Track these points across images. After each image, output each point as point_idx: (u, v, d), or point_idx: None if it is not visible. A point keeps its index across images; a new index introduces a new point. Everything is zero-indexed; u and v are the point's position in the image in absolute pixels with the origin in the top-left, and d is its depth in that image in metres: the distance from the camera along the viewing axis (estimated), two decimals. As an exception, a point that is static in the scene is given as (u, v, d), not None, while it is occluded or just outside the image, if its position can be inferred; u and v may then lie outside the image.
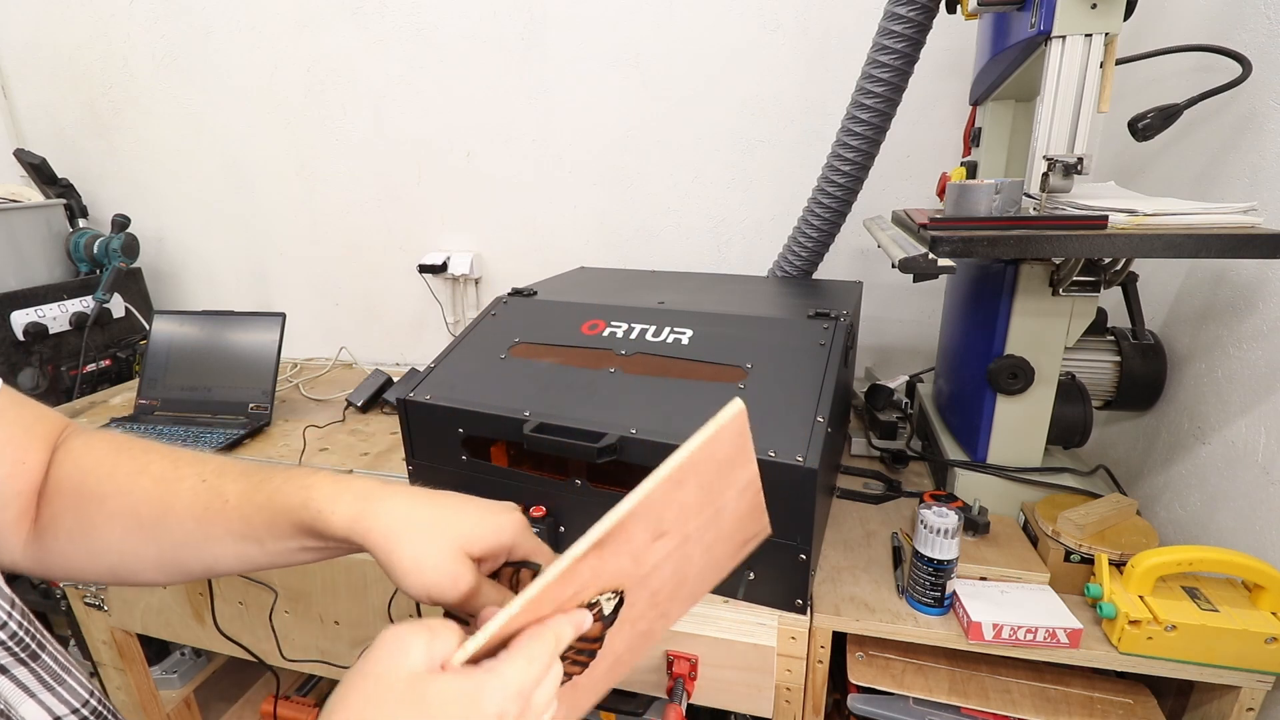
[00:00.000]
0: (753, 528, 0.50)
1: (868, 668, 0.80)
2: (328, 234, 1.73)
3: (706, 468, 0.41)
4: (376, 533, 0.39)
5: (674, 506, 0.40)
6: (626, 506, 0.36)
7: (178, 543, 0.43)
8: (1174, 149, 0.98)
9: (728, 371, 0.82)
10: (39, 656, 0.38)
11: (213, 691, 1.42)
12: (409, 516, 0.40)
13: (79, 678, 0.40)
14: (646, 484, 0.37)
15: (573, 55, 1.43)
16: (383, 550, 0.39)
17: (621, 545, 0.37)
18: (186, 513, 0.42)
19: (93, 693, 0.41)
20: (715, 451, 0.41)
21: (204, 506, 0.42)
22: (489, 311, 1.04)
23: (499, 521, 0.42)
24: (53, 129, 1.82)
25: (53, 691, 0.38)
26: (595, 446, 0.74)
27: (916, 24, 0.91)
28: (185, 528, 0.42)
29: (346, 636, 1.00)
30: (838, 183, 1.05)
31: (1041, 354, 0.87)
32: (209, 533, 0.42)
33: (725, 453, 0.42)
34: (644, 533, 0.39)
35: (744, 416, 0.41)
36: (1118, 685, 0.78)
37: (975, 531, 0.87)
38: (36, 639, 0.38)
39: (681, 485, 0.39)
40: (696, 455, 0.39)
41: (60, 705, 0.38)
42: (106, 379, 1.65)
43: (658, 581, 0.42)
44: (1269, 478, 0.75)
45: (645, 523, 0.38)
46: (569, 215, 1.56)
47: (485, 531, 0.41)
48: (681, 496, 0.40)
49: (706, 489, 0.42)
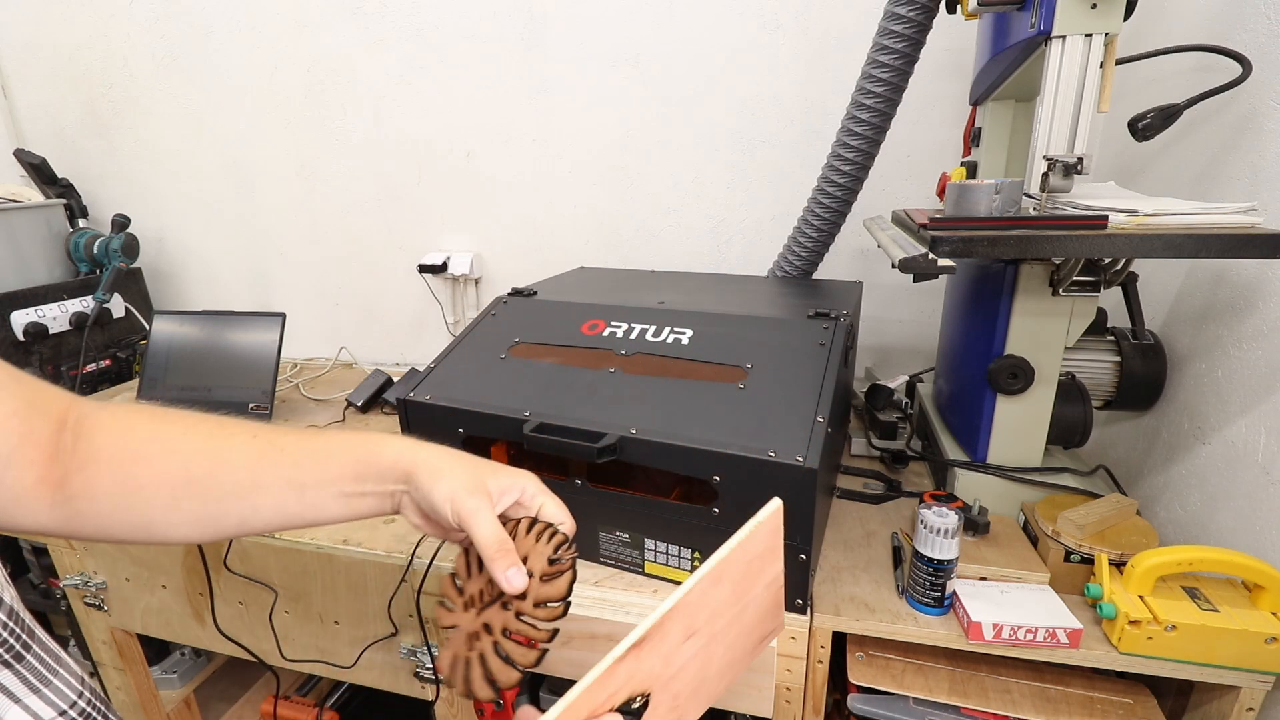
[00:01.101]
0: (771, 624, 0.50)
1: (868, 668, 0.80)
2: (328, 234, 1.73)
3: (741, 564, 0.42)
4: (421, 463, 0.47)
5: (708, 604, 0.41)
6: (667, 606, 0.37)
7: (225, 493, 0.46)
8: (1174, 149, 0.98)
9: (728, 371, 0.82)
10: (23, 657, 0.37)
11: (213, 691, 1.43)
12: (447, 457, 0.48)
13: (68, 676, 0.39)
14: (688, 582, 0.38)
15: (573, 55, 1.43)
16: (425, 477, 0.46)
17: (658, 645, 0.38)
18: (240, 462, 0.46)
19: (82, 693, 0.40)
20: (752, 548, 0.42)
21: (259, 454, 0.47)
22: (489, 311, 1.04)
23: (517, 476, 0.50)
24: (53, 129, 1.82)
25: (39, 694, 0.37)
26: (595, 446, 0.74)
27: (916, 24, 0.91)
28: (236, 476, 0.46)
29: (346, 636, 1.00)
30: (838, 183, 1.05)
31: (1041, 354, 0.87)
32: (259, 479, 0.46)
33: (759, 549, 0.43)
34: (678, 632, 0.39)
35: (780, 514, 0.43)
36: (1118, 685, 0.78)
37: (975, 531, 0.87)
38: (22, 639, 0.37)
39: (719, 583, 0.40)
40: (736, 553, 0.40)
41: (47, 708, 0.38)
42: (106, 379, 1.65)
43: (681, 683, 0.42)
44: (1269, 478, 0.75)
45: (681, 622, 0.39)
46: (569, 215, 1.56)
47: (505, 479, 0.48)
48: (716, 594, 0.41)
49: (737, 585, 0.43)
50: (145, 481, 0.45)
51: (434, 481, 0.46)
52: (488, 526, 0.45)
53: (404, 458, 0.47)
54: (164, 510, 0.46)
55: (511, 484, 0.49)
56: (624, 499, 0.81)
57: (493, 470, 0.48)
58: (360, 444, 0.48)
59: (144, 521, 0.46)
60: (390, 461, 0.47)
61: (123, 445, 0.46)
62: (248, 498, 0.46)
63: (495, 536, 0.45)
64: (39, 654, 0.38)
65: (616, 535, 0.83)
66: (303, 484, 0.47)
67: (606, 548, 0.85)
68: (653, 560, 0.82)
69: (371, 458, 0.47)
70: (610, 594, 0.81)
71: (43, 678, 0.38)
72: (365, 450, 0.48)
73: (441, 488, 0.45)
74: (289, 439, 0.48)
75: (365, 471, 0.47)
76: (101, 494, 0.45)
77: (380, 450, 0.48)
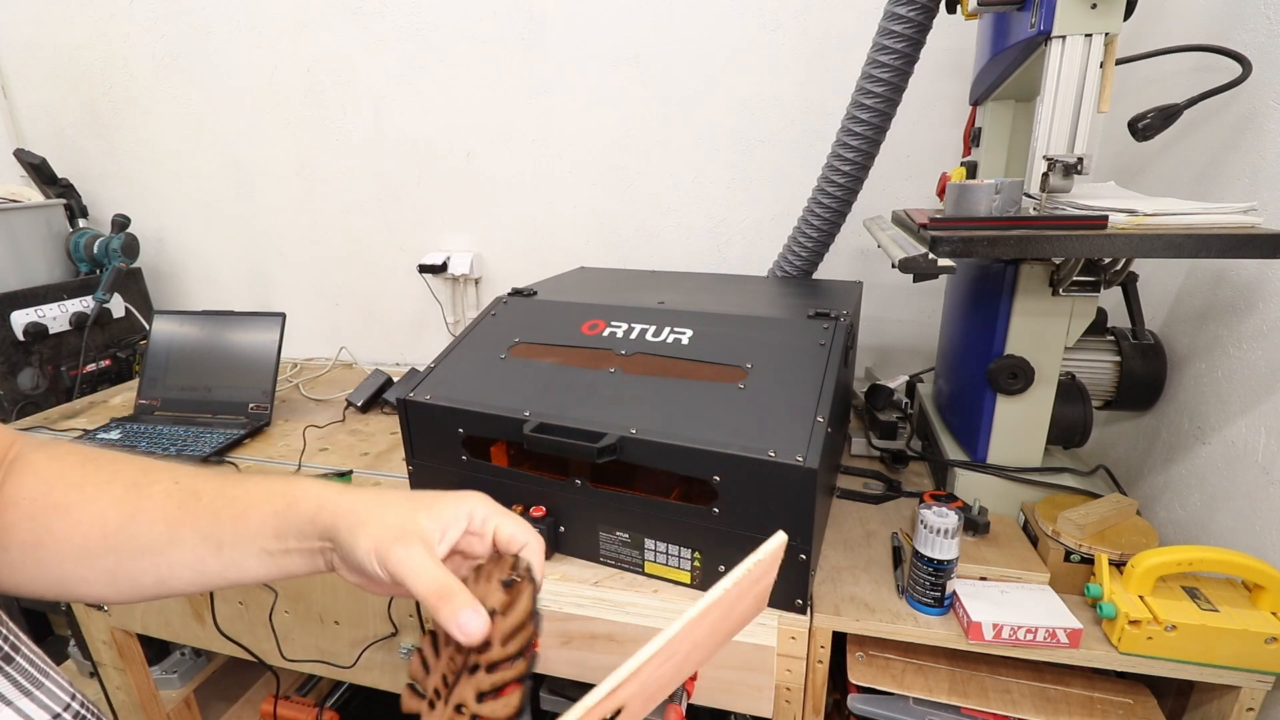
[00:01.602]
0: (753, 611, 0.49)
1: (868, 668, 0.80)
2: (328, 234, 1.73)
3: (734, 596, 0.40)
4: (342, 514, 0.41)
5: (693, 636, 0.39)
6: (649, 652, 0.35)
7: (140, 549, 0.42)
8: (1174, 149, 0.98)
9: (728, 371, 0.82)
10: (13, 659, 0.37)
11: (213, 691, 1.42)
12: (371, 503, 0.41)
13: (58, 680, 0.39)
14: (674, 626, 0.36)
15: (573, 55, 1.43)
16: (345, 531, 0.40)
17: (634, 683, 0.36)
18: (157, 513, 0.42)
19: (75, 695, 0.39)
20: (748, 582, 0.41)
21: (177, 505, 0.43)
22: (489, 311, 1.04)
23: (461, 502, 0.43)
24: (53, 129, 1.82)
25: (30, 697, 0.37)
26: (595, 446, 0.74)
27: (916, 24, 0.91)
28: (153, 531, 0.42)
29: (346, 636, 1.00)
30: (838, 183, 1.05)
31: (1041, 354, 0.87)
32: (176, 535, 0.42)
33: (756, 577, 0.42)
34: (658, 662, 0.37)
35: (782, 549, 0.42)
36: (1118, 685, 0.78)
37: (975, 531, 0.87)
38: (10, 642, 0.37)
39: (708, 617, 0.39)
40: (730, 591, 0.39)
41: (40, 711, 0.37)
42: (106, 379, 1.65)
43: (655, 686, 0.41)
44: (1269, 478, 0.75)
45: (663, 657, 0.37)
46: (569, 215, 1.56)
47: (446, 510, 0.42)
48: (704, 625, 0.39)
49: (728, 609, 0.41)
50: (59, 534, 0.42)
51: (354, 535, 0.39)
52: (422, 573, 0.38)
53: (324, 510, 0.41)
54: (76, 564, 0.42)
55: (455, 513, 0.42)
56: (624, 499, 0.81)
57: (428, 504, 0.42)
58: (280, 494, 0.43)
59: (57, 576, 0.42)
60: (309, 515, 0.41)
61: (43, 493, 0.42)
62: (164, 554, 0.42)
63: (433, 582, 0.38)
64: (28, 656, 0.38)
65: (616, 535, 0.83)
66: (220, 540, 0.42)
67: (606, 548, 0.85)
68: (653, 560, 0.82)
69: (290, 511, 0.42)
70: (610, 594, 0.81)
71: (34, 680, 0.37)
72: (284, 502, 0.42)
73: (363, 541, 0.39)
74: (209, 486, 0.44)
75: (285, 527, 0.42)
76: (15, 544, 0.41)
77: (299, 502, 0.42)
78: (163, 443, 1.24)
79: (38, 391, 1.52)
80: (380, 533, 0.39)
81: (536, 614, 0.40)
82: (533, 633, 0.39)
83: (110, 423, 1.33)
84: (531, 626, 0.40)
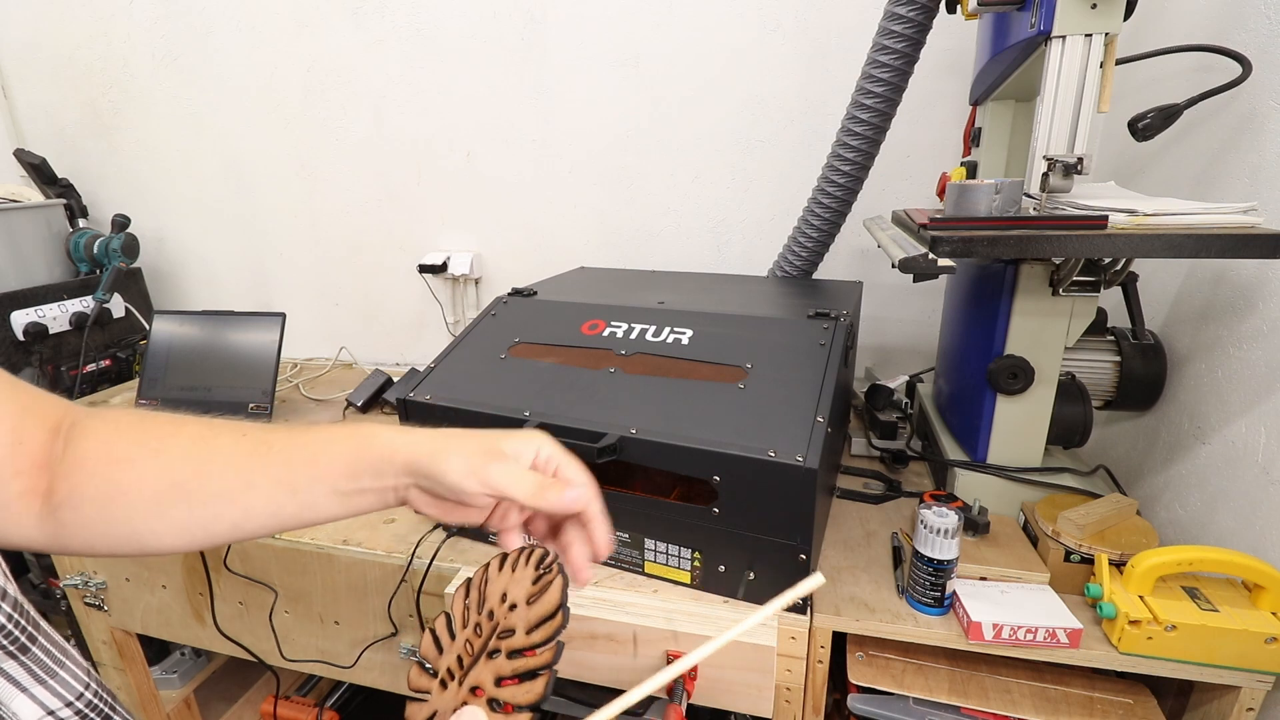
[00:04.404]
0: None
1: (868, 668, 0.80)
2: (328, 234, 1.73)
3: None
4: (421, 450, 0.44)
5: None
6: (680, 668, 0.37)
7: (212, 495, 0.44)
8: (1174, 149, 0.98)
9: (728, 371, 0.82)
10: (29, 649, 0.37)
11: (213, 691, 1.42)
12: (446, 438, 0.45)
13: (74, 669, 0.39)
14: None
15: (573, 55, 1.43)
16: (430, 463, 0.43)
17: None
18: (227, 463, 0.44)
19: (89, 685, 0.40)
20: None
21: (247, 453, 0.44)
22: (489, 311, 1.04)
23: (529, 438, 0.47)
24: (53, 129, 1.82)
25: (45, 685, 0.37)
26: (595, 446, 0.74)
27: (916, 24, 0.91)
28: (224, 478, 0.44)
29: (346, 636, 1.00)
30: (838, 183, 1.05)
31: (1041, 354, 0.87)
32: (249, 480, 0.44)
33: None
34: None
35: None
36: (1118, 685, 0.78)
37: (975, 531, 0.87)
38: (27, 631, 0.37)
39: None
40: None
41: (54, 699, 0.38)
42: (106, 379, 1.65)
43: None
44: (1269, 478, 0.75)
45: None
46: (569, 215, 1.55)
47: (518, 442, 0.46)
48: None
49: None
50: (128, 486, 0.43)
51: (443, 462, 0.43)
52: (521, 479, 0.43)
53: (400, 450, 0.44)
54: (148, 517, 0.44)
55: (526, 446, 0.46)
56: (624, 499, 0.81)
57: (502, 436, 0.46)
58: (350, 438, 0.46)
59: (129, 531, 0.44)
60: (385, 455, 0.44)
61: (107, 450, 0.44)
62: (238, 500, 0.44)
63: (532, 484, 0.43)
64: (45, 646, 0.38)
65: (616, 535, 0.83)
66: (294, 484, 0.44)
67: (606, 548, 0.85)
68: (653, 560, 0.82)
69: (364, 451, 0.45)
70: (610, 594, 0.81)
71: (49, 669, 0.38)
72: (356, 444, 0.45)
73: (455, 465, 0.43)
74: (278, 436, 0.46)
75: (359, 468, 0.45)
76: (85, 500, 0.43)
77: (372, 443, 0.45)
78: (163, 443, 1.24)
79: (38, 391, 1.52)
80: (471, 455, 0.43)
81: (565, 606, 0.41)
82: (561, 624, 0.41)
83: (110, 423, 1.33)
84: (561, 618, 0.41)
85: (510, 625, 0.41)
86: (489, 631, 0.42)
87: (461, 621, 0.44)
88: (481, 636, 0.42)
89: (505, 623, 0.42)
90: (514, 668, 0.39)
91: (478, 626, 0.43)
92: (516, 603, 0.42)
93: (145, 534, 0.44)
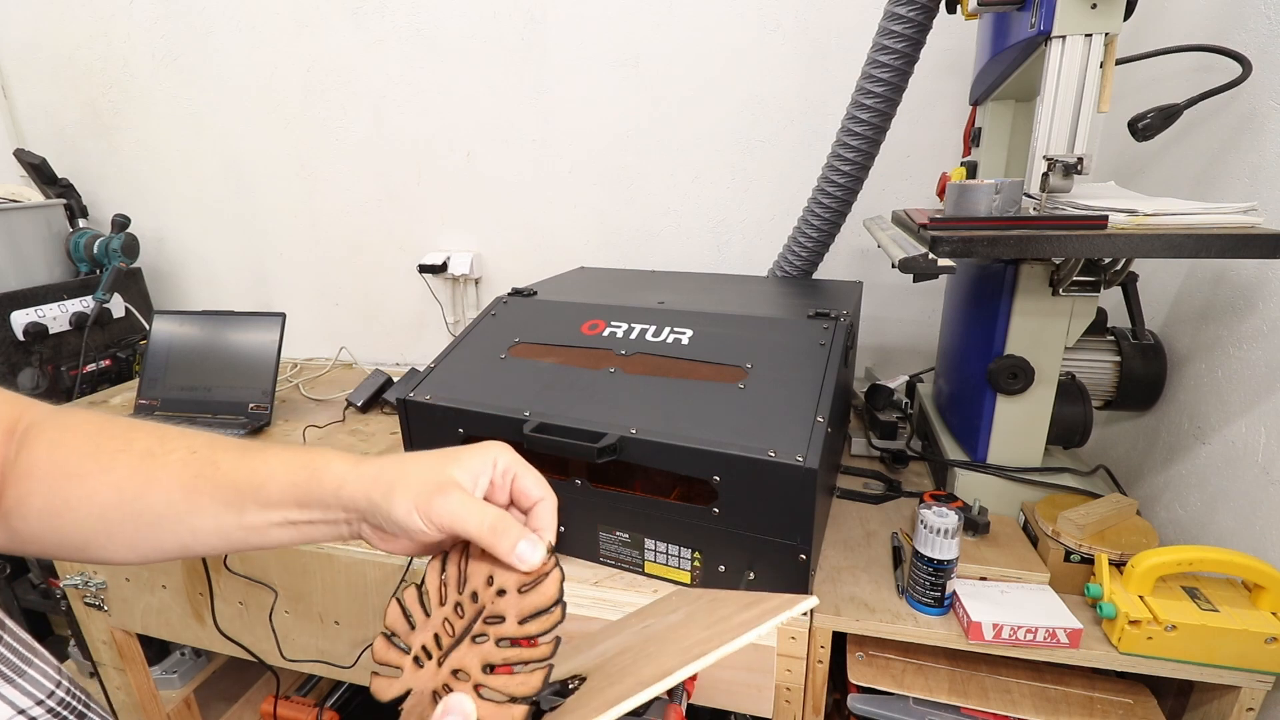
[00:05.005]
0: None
1: (868, 668, 0.80)
2: (328, 234, 1.73)
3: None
4: (369, 483, 0.41)
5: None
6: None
7: (159, 516, 0.42)
8: (1174, 149, 0.98)
9: (728, 371, 0.82)
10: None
11: (213, 691, 1.42)
12: (395, 466, 0.42)
13: (44, 667, 0.38)
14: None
15: (573, 55, 1.43)
16: (377, 497, 0.40)
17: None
18: (174, 482, 0.42)
19: (60, 683, 0.39)
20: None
21: (194, 474, 0.42)
22: (489, 311, 1.04)
23: (484, 452, 0.44)
24: (53, 129, 1.82)
25: (14, 684, 0.36)
26: (595, 446, 0.74)
27: (916, 24, 0.91)
28: (170, 499, 0.42)
29: (346, 637, 1.00)
30: (838, 183, 1.05)
31: (1041, 354, 0.87)
32: (195, 503, 0.42)
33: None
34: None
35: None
36: (1118, 685, 0.78)
37: (975, 531, 0.87)
38: None
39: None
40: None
41: (23, 698, 0.36)
42: (106, 379, 1.65)
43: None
44: (1269, 478, 0.75)
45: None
46: (569, 215, 1.56)
47: (473, 462, 0.43)
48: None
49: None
50: (76, 503, 0.42)
51: (390, 499, 0.40)
52: (471, 515, 0.39)
53: (347, 484, 0.41)
54: (97, 533, 0.42)
55: (482, 462, 0.43)
56: (624, 499, 0.81)
57: (454, 457, 0.43)
58: (303, 467, 0.43)
59: (80, 543, 0.43)
60: (333, 488, 0.42)
61: (58, 460, 0.42)
62: (184, 520, 0.42)
63: (484, 520, 0.39)
64: (10, 644, 0.37)
65: (616, 535, 0.83)
66: (242, 508, 0.42)
67: (606, 548, 0.85)
68: (653, 560, 0.82)
69: (314, 484, 0.42)
70: (610, 594, 0.81)
71: (16, 668, 0.37)
72: (307, 475, 0.42)
73: (401, 502, 0.40)
74: (229, 455, 0.43)
75: (309, 499, 0.42)
76: (33, 512, 0.42)
77: (323, 476, 0.42)
78: (163, 443, 1.24)
79: (38, 391, 1.52)
80: (417, 490, 0.40)
81: (562, 600, 0.39)
82: (560, 618, 0.39)
83: (110, 423, 1.33)
84: (560, 612, 0.39)
85: (499, 612, 0.39)
86: (472, 614, 0.40)
87: (438, 598, 0.41)
88: (464, 618, 0.40)
89: (492, 608, 0.40)
90: (506, 657, 0.38)
91: (458, 606, 0.41)
92: (506, 589, 0.40)
93: (95, 548, 0.43)
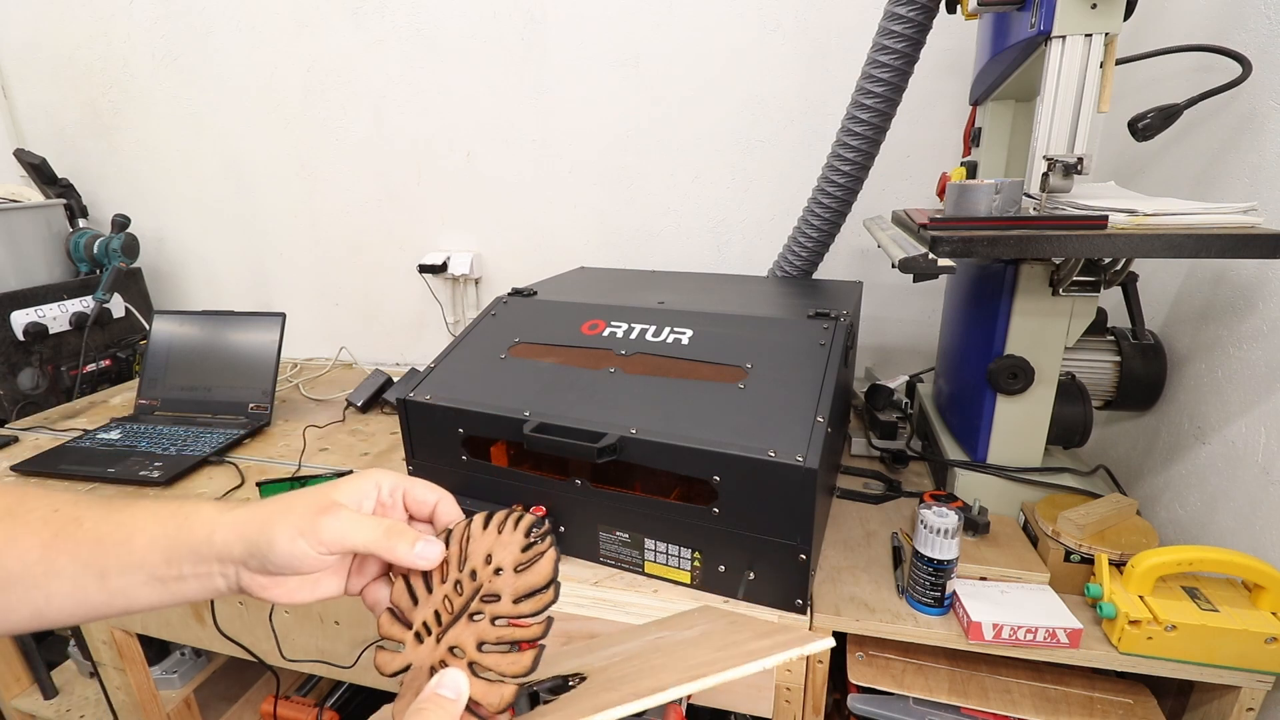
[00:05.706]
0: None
1: (868, 668, 0.80)
2: (328, 234, 1.73)
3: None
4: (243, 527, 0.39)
5: None
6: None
7: (13, 578, 0.39)
8: (1174, 149, 0.98)
9: (728, 371, 0.82)
10: None
11: (213, 691, 1.42)
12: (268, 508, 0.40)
13: None
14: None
15: (573, 55, 1.43)
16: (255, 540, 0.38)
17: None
18: (32, 541, 0.39)
19: None
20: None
21: (54, 533, 0.40)
22: (489, 311, 1.04)
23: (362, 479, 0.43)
24: (53, 129, 1.82)
25: None
26: (595, 446, 0.74)
27: (916, 24, 0.91)
28: (25, 560, 0.39)
29: (346, 637, 1.00)
30: (838, 183, 1.05)
31: (1041, 354, 0.87)
32: (53, 564, 0.39)
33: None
34: None
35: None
36: (1118, 685, 0.78)
37: (975, 531, 0.87)
38: None
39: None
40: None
41: None
42: (106, 379, 1.65)
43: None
44: (1269, 478, 0.75)
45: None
46: (569, 215, 1.56)
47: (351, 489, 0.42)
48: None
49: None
50: None
51: (270, 535, 0.38)
52: (360, 528, 0.39)
53: (219, 529, 0.39)
54: None
55: (363, 488, 0.42)
56: (624, 499, 0.81)
57: (334, 485, 0.42)
58: (170, 517, 0.40)
59: None
60: (203, 536, 0.39)
61: None
62: (40, 585, 0.39)
63: (375, 529, 0.39)
64: None
65: (616, 535, 0.83)
66: (104, 568, 0.39)
67: (606, 548, 0.85)
68: (653, 560, 0.82)
69: (182, 534, 0.40)
70: (610, 594, 0.81)
71: None
72: (175, 525, 0.40)
73: (283, 534, 0.38)
74: (92, 512, 0.41)
75: (177, 552, 0.39)
76: None
77: (192, 525, 0.40)
78: (162, 443, 1.24)
79: (38, 391, 1.52)
80: (299, 517, 0.38)
81: (557, 580, 0.40)
82: (553, 598, 0.39)
83: (110, 423, 1.33)
84: (553, 592, 0.39)
85: (495, 590, 0.39)
86: (470, 591, 0.40)
87: (440, 575, 0.42)
88: (462, 595, 0.40)
89: (489, 586, 0.40)
90: (499, 635, 0.38)
91: (458, 584, 0.41)
92: (503, 568, 0.40)
93: None
